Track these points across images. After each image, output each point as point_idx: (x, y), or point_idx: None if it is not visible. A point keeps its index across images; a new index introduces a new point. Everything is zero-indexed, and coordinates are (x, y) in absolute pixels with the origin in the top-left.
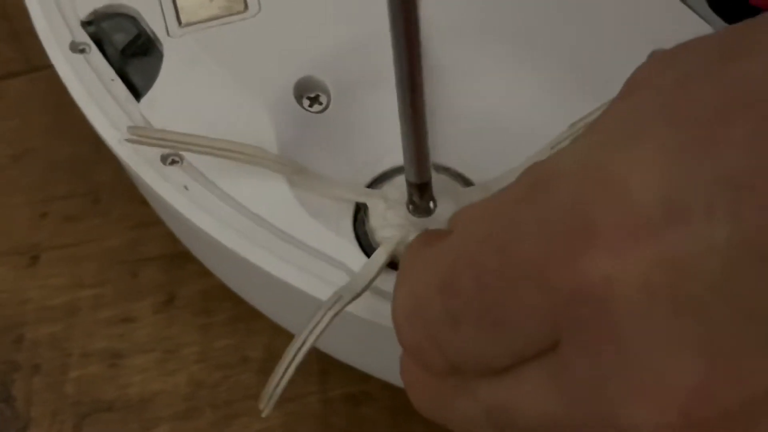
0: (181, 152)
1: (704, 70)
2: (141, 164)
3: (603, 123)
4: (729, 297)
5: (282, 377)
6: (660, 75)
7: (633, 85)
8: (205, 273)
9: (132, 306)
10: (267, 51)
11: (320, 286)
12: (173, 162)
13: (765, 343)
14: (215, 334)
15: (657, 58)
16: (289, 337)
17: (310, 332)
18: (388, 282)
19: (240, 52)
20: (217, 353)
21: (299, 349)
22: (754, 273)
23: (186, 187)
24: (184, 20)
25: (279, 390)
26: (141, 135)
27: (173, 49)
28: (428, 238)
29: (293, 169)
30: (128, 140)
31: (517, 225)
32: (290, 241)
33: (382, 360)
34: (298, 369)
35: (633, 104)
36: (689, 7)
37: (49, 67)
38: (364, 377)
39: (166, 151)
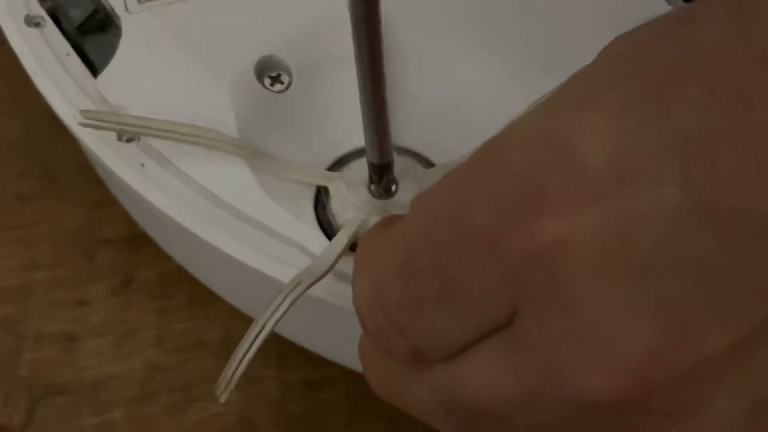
0: (135, 133)
1: (656, 38)
2: (96, 142)
3: (556, 94)
4: (679, 257)
5: (240, 362)
6: (617, 48)
7: (597, 62)
8: (162, 256)
9: (88, 289)
10: (228, 28)
11: (279, 267)
12: (129, 140)
13: (716, 303)
14: (172, 317)
15: (618, 37)
16: (247, 321)
17: (270, 317)
18: (350, 265)
19: (200, 30)
20: (174, 337)
21: (258, 333)
22: (705, 233)
23: (143, 165)
24: None
25: (237, 375)
26: (95, 118)
27: (132, 26)
28: (386, 222)
29: (251, 152)
30: (82, 124)
31: (469, 196)
32: (249, 222)
33: (342, 344)
34: (257, 353)
35: (585, 73)
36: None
37: (3, 44)
38: (324, 362)
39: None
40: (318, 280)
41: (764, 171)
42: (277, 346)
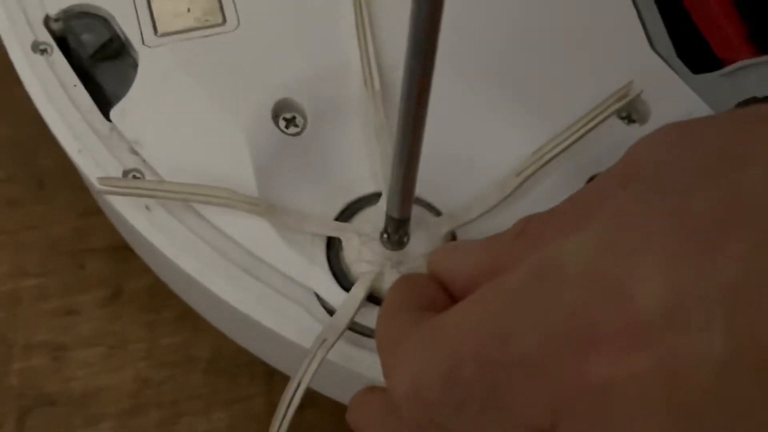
0: (153, 197)
1: (706, 176)
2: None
3: (608, 217)
4: (720, 403)
5: (281, 424)
6: (662, 168)
7: (632, 166)
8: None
9: (77, 298)
10: (245, 68)
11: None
12: (134, 177)
13: None
14: (162, 331)
15: (658, 140)
16: None
17: (302, 377)
18: (366, 317)
19: (218, 68)
20: (163, 351)
21: (294, 393)
22: (746, 382)
23: (147, 208)
24: (160, 30)
25: None
26: (114, 185)
27: (148, 59)
28: (420, 313)
29: (265, 208)
30: (101, 191)
31: (520, 319)
32: (258, 272)
33: (336, 388)
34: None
35: (637, 204)
36: (658, 53)
37: None
38: None
39: (129, 166)
40: (340, 336)
41: None
42: (264, 365)
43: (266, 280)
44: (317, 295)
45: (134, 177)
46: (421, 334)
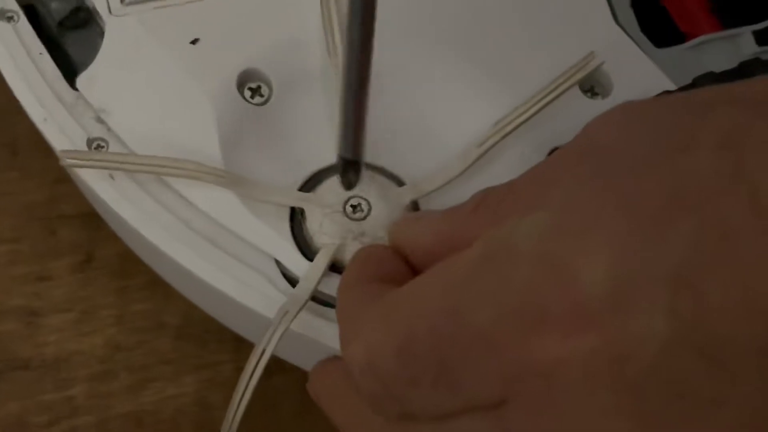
0: (118, 170)
1: (657, 160)
2: (65, 143)
3: (560, 198)
4: (664, 381)
5: (243, 393)
6: (615, 149)
7: (587, 145)
8: None
9: (49, 264)
10: (210, 37)
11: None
12: (98, 147)
13: (692, 415)
14: (132, 297)
15: (613, 119)
16: None
17: (265, 347)
18: (329, 285)
19: (184, 36)
20: (133, 317)
21: (256, 364)
22: (689, 360)
23: (111, 176)
24: None
25: (241, 409)
26: (77, 158)
27: (115, 27)
28: (379, 285)
29: (231, 180)
30: (64, 164)
31: (473, 295)
32: (215, 242)
33: (301, 356)
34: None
35: (588, 186)
36: (621, 27)
37: None
38: None
39: (94, 134)
40: (302, 307)
41: (748, 305)
42: (233, 332)
43: (230, 251)
44: (279, 266)
45: (98, 146)
46: (377, 308)
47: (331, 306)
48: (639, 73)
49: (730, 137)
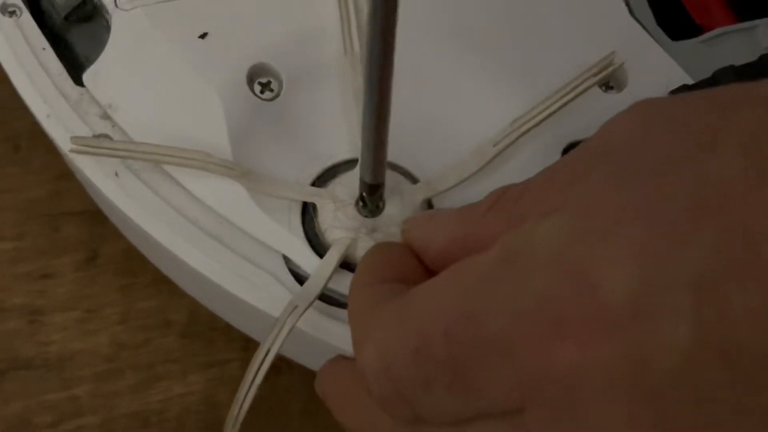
0: (125, 158)
1: (678, 161)
2: (68, 142)
3: (579, 201)
4: (686, 389)
5: (249, 389)
6: (634, 150)
7: (605, 145)
8: None
9: (52, 262)
10: (220, 32)
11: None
12: None
13: (712, 426)
14: (138, 295)
15: (632, 119)
16: None
17: (272, 344)
18: (340, 283)
19: (191, 31)
20: (139, 315)
21: (262, 360)
22: (711, 366)
23: (117, 174)
24: None
25: (245, 408)
26: (86, 145)
27: (121, 22)
28: (392, 286)
29: (240, 172)
30: (72, 150)
31: (490, 300)
32: (221, 240)
33: (307, 356)
34: (222, 337)
35: (608, 188)
36: (637, 20)
37: None
38: None
39: (98, 131)
40: (311, 303)
41: None
42: (240, 331)
43: (237, 248)
44: (288, 264)
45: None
46: (391, 310)
47: (341, 305)
48: (655, 66)
49: (754, 139)
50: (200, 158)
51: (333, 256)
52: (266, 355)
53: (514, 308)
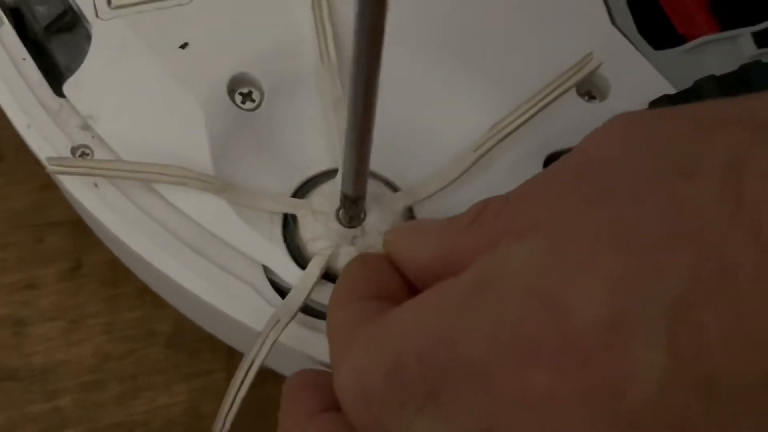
0: (104, 177)
1: (656, 184)
2: (48, 151)
3: (555, 225)
4: (662, 415)
5: (233, 402)
6: (612, 168)
7: (585, 161)
8: None
9: (36, 272)
10: (200, 41)
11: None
12: (83, 154)
13: None
14: (122, 305)
15: (612, 133)
16: None
17: (255, 357)
18: (321, 294)
19: (173, 41)
20: (123, 325)
21: (246, 373)
22: (687, 395)
23: (96, 185)
24: (114, 2)
25: (232, 414)
26: (62, 164)
27: (102, 32)
28: (371, 303)
29: (219, 186)
30: (50, 171)
31: (465, 326)
32: (201, 252)
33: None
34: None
35: (584, 212)
36: (618, 28)
37: None
38: None
39: (78, 142)
40: (294, 316)
41: (747, 340)
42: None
43: (218, 261)
44: (270, 275)
45: (83, 153)
46: (369, 331)
47: (322, 316)
48: (637, 75)
49: (732, 165)
50: (179, 174)
51: (314, 268)
52: (249, 369)
53: (488, 334)
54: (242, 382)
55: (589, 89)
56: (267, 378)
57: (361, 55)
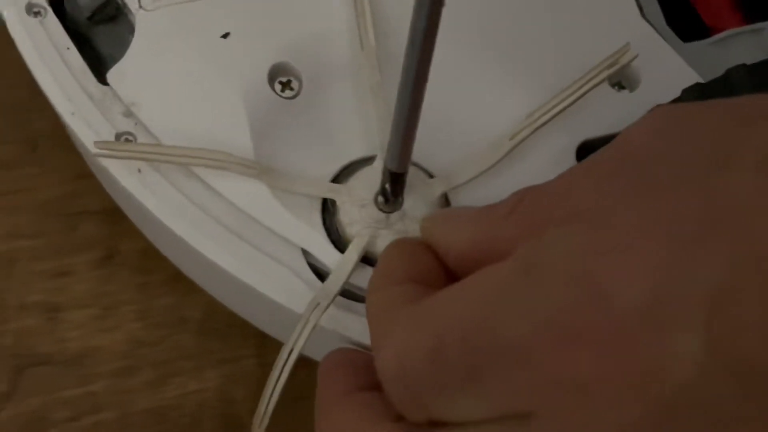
0: (148, 160)
1: (695, 175)
2: (92, 138)
3: (597, 211)
4: (696, 400)
5: (274, 388)
6: (652, 159)
7: (625, 153)
8: None
9: (70, 260)
10: (242, 31)
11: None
12: (127, 141)
13: None
14: (154, 292)
15: (652, 126)
16: None
17: (296, 341)
18: (360, 277)
19: (214, 31)
20: (155, 312)
21: (287, 359)
22: (722, 381)
23: (139, 170)
24: None
25: (273, 400)
26: (109, 148)
27: (145, 22)
28: (411, 287)
29: (260, 170)
30: (97, 154)
31: (509, 310)
32: (241, 235)
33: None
34: (236, 333)
35: (625, 200)
36: (647, 21)
37: None
38: None
39: (121, 129)
40: (333, 300)
41: None
42: (256, 327)
43: (257, 244)
44: (308, 258)
45: (126, 140)
46: (410, 314)
47: (360, 299)
48: (666, 67)
49: None
50: (221, 158)
51: (353, 252)
52: (290, 353)
53: (532, 317)
54: (284, 366)
55: (620, 80)
56: (298, 364)
57: (417, 30)
